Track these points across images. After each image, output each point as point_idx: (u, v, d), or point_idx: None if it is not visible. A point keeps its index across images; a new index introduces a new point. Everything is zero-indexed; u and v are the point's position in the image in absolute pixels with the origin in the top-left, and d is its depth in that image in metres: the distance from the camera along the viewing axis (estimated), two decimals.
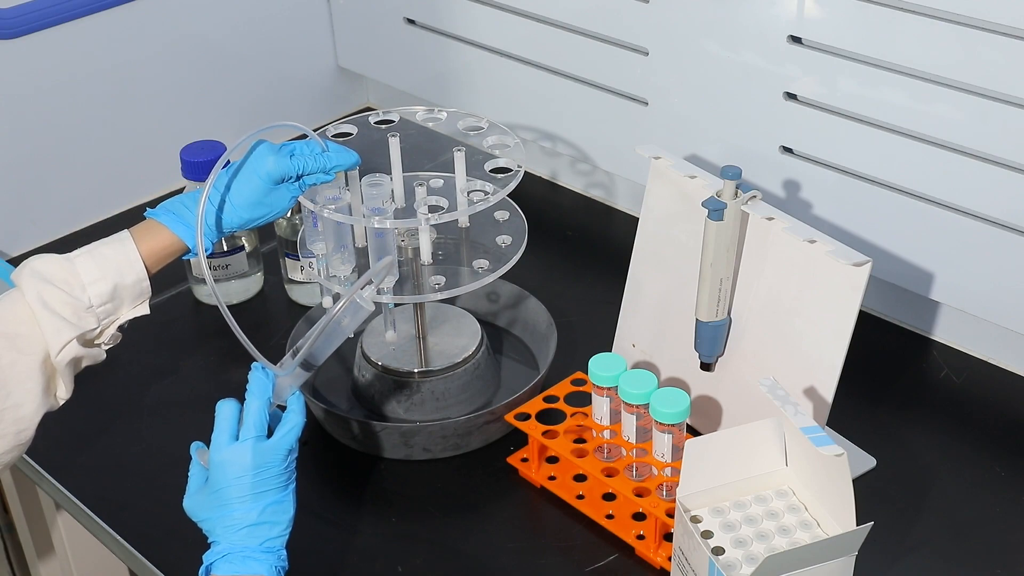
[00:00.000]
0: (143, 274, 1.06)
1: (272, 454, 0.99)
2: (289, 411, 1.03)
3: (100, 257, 1.05)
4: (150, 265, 1.07)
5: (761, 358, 1.21)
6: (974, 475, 1.25)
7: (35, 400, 1.03)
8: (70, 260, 1.04)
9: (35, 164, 1.61)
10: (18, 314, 1.02)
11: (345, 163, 1.15)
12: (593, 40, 1.57)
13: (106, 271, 1.04)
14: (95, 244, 1.07)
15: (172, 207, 1.10)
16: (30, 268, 1.04)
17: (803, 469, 1.07)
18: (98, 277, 1.04)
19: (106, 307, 1.05)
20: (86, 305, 1.03)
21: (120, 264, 1.05)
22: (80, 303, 1.03)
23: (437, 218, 1.21)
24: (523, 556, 1.19)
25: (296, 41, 1.85)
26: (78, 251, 1.06)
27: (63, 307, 1.02)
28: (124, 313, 1.07)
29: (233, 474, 0.98)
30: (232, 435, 1.00)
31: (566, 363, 1.35)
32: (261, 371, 1.03)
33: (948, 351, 1.42)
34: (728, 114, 1.47)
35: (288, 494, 1.01)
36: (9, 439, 1.03)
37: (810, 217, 1.43)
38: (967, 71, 1.24)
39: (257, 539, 0.98)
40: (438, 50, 1.75)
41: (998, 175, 1.26)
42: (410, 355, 1.32)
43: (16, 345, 1.01)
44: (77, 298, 1.03)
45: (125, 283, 1.05)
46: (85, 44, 1.60)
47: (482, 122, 1.31)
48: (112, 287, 1.04)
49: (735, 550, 1.04)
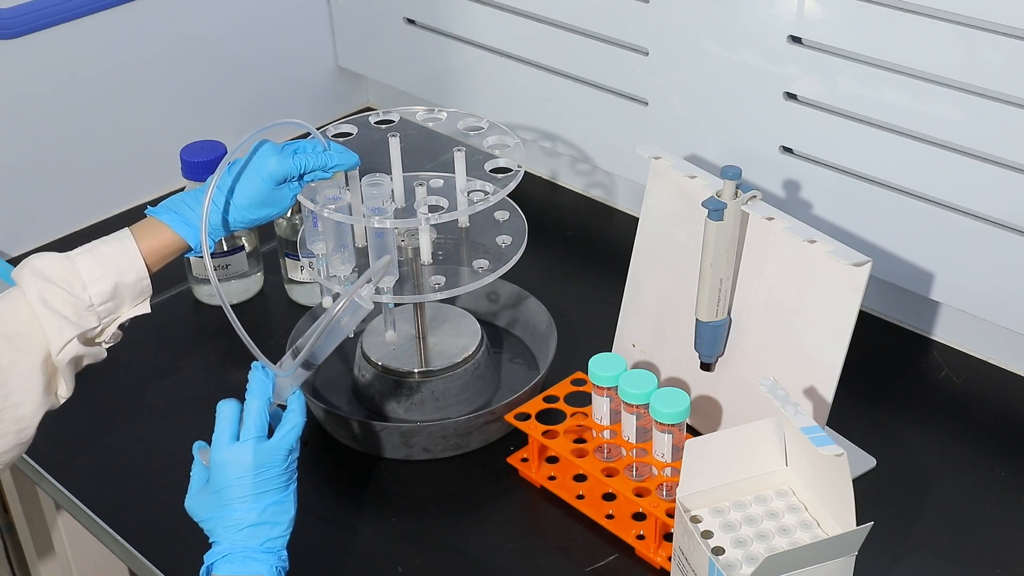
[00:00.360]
0: (144, 272, 1.06)
1: (273, 454, 0.99)
2: (289, 411, 1.03)
3: (101, 255, 1.05)
4: (151, 263, 1.07)
5: (761, 358, 1.21)
6: (974, 475, 1.25)
7: (36, 399, 1.03)
8: (70, 259, 1.04)
9: (35, 164, 1.61)
10: (18, 313, 1.02)
11: (345, 163, 1.15)
12: (593, 40, 1.56)
13: (107, 269, 1.04)
14: (95, 242, 1.07)
15: (173, 205, 1.10)
16: (30, 267, 1.04)
17: (803, 469, 1.06)
18: (99, 276, 1.04)
19: (107, 305, 1.05)
20: (87, 304, 1.03)
21: (121, 262, 1.05)
22: (81, 302, 1.03)
23: (437, 218, 1.21)
24: (523, 556, 1.19)
25: (296, 41, 1.85)
26: (78, 249, 1.06)
27: (64, 306, 1.02)
28: (125, 312, 1.07)
29: (234, 474, 0.98)
30: (233, 435, 1.00)
31: (566, 363, 1.35)
32: (261, 371, 1.02)
33: (948, 351, 1.42)
34: (728, 114, 1.46)
35: (289, 494, 1.01)
36: (10, 438, 1.03)
37: (810, 217, 1.43)
38: (967, 71, 1.24)
39: (258, 539, 0.98)
40: (438, 50, 1.75)
41: (998, 175, 1.26)
42: (410, 355, 1.32)
43: (16, 344, 1.01)
44: (78, 297, 1.03)
45: (126, 281, 1.05)
46: (85, 44, 1.60)
47: (482, 122, 1.31)
48: (113, 286, 1.04)
49: (735, 550, 1.04)
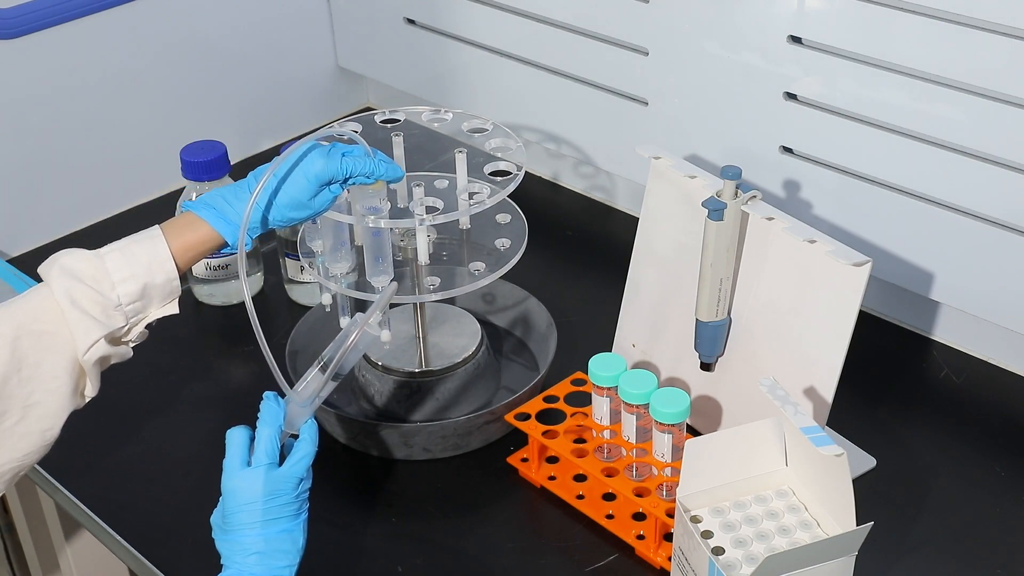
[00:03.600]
0: (174, 274, 1.04)
1: (284, 482, 0.98)
2: (301, 439, 1.01)
3: (130, 255, 1.03)
4: (182, 263, 1.05)
5: (761, 358, 1.21)
6: (974, 475, 1.25)
7: (62, 399, 1.01)
8: (100, 256, 1.02)
9: (35, 164, 1.61)
10: (47, 311, 1.00)
11: (390, 174, 1.13)
12: (593, 40, 1.56)
13: (136, 270, 1.02)
14: (126, 240, 1.04)
15: (212, 201, 1.08)
16: (60, 264, 1.01)
17: (803, 469, 1.06)
18: (128, 276, 1.02)
19: (135, 305, 1.02)
20: (115, 303, 1.01)
21: (151, 263, 1.03)
22: (109, 301, 1.01)
23: (432, 219, 1.21)
24: (523, 556, 1.19)
25: (296, 41, 1.85)
26: (108, 247, 1.04)
27: (92, 305, 1.00)
28: (153, 312, 1.05)
29: (244, 499, 0.97)
30: (243, 461, 0.99)
31: (566, 363, 1.35)
32: (273, 400, 1.01)
33: (948, 351, 1.42)
34: (728, 114, 1.46)
35: (299, 524, 1.00)
36: (34, 438, 1.01)
37: (810, 217, 1.43)
38: (968, 71, 1.24)
39: (266, 567, 0.97)
40: (438, 50, 1.75)
41: (999, 175, 1.26)
42: (410, 355, 1.32)
43: (43, 344, 1.00)
44: (106, 296, 1.01)
45: (155, 282, 1.03)
46: (85, 44, 1.60)
47: (487, 124, 1.31)
48: (142, 286, 1.02)
49: (735, 550, 1.04)
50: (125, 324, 1.03)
